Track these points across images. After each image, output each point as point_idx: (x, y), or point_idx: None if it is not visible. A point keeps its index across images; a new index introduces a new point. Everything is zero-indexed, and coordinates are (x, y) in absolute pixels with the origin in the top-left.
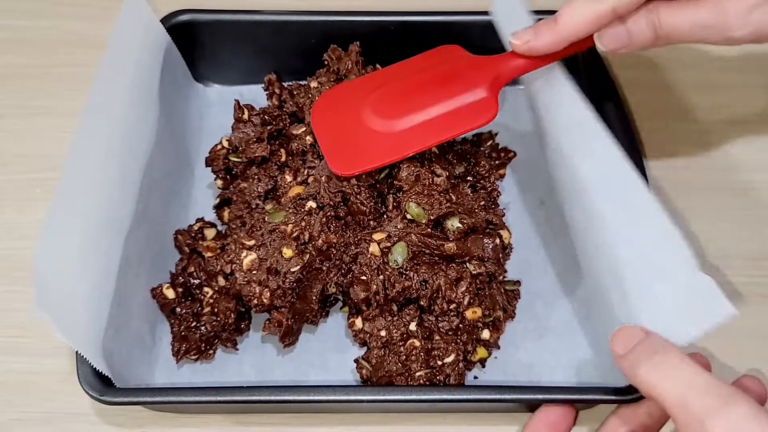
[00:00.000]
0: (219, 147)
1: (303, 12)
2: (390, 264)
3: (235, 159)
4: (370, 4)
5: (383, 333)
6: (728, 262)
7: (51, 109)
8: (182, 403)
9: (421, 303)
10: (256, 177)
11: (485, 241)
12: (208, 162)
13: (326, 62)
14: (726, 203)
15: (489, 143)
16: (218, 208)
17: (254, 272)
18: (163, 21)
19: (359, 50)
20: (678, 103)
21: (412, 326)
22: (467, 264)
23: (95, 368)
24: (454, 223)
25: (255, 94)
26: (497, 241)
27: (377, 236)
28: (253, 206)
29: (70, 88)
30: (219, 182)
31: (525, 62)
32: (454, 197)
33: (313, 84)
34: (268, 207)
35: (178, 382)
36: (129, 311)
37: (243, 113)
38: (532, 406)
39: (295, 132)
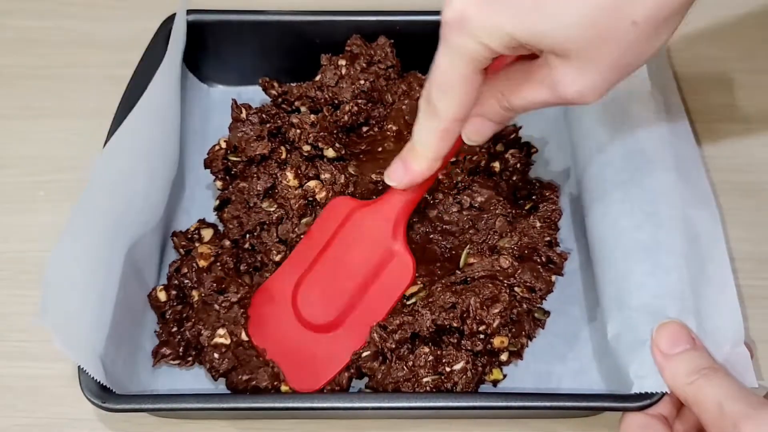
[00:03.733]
0: (217, 148)
1: (307, 12)
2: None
3: (235, 158)
4: (375, 3)
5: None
6: (739, 264)
7: (56, 110)
8: (184, 410)
9: (454, 324)
10: (255, 175)
11: (544, 273)
12: (207, 163)
13: (349, 50)
14: (736, 204)
15: (512, 136)
16: (218, 209)
17: (221, 351)
18: (167, 22)
19: (391, 42)
20: (686, 102)
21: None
22: (515, 288)
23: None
24: (510, 241)
25: (259, 95)
26: (553, 278)
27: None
28: (251, 204)
29: (75, 89)
30: (218, 183)
31: (412, 193)
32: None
33: (342, 62)
34: (265, 205)
35: (180, 388)
36: (133, 316)
37: (241, 112)
38: (539, 413)
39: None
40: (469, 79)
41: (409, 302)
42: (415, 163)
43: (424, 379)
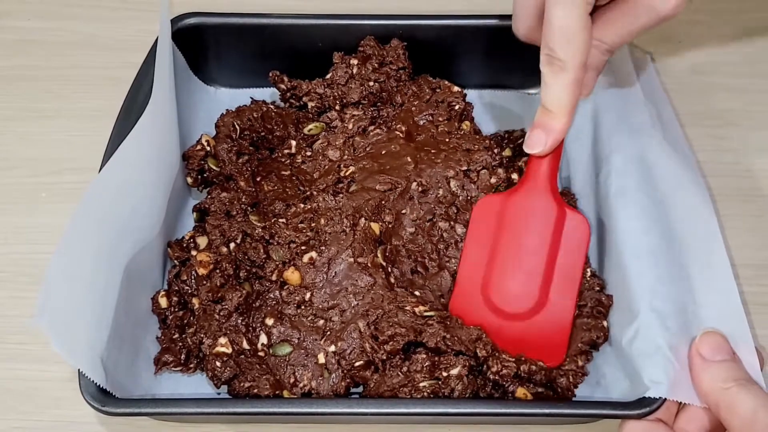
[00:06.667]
0: (198, 147)
1: (312, 15)
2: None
3: (214, 167)
4: (377, 6)
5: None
6: (739, 271)
7: (59, 111)
8: (184, 414)
9: (482, 353)
10: (239, 190)
11: (595, 321)
12: (184, 156)
13: (362, 50)
14: (737, 210)
15: (520, 141)
16: (199, 221)
17: (222, 359)
18: (175, 21)
19: (404, 44)
20: (689, 108)
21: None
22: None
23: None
24: None
25: (265, 97)
26: (605, 323)
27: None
28: (233, 213)
29: (78, 90)
30: (189, 180)
31: (552, 158)
32: None
33: (354, 61)
34: (253, 218)
35: (183, 392)
36: (136, 320)
37: (234, 130)
38: (539, 419)
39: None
40: (586, 22)
41: (426, 314)
42: (554, 122)
43: (421, 384)
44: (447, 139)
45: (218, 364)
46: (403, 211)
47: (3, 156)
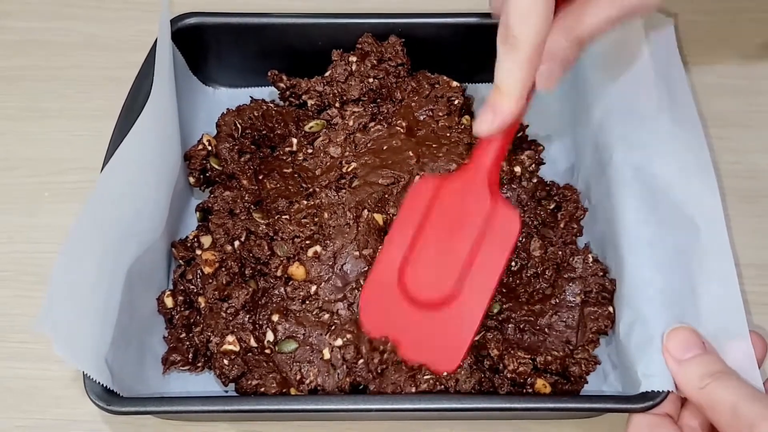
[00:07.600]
0: (200, 147)
1: (311, 15)
2: None
3: (216, 166)
4: (376, 6)
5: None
6: (741, 270)
7: (61, 111)
8: (189, 412)
9: (494, 352)
10: (242, 188)
11: (600, 309)
12: (186, 156)
13: (360, 48)
14: (739, 210)
15: (519, 134)
16: (202, 220)
17: (230, 357)
18: (174, 22)
19: (402, 41)
20: None
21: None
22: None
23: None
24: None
25: (264, 96)
26: (610, 309)
27: None
28: (237, 211)
29: (80, 90)
30: (191, 179)
31: (498, 143)
32: None
33: (353, 59)
34: (257, 216)
35: (190, 390)
36: (141, 320)
37: (235, 129)
38: (544, 414)
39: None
40: (546, 1)
41: None
42: (503, 103)
43: (425, 376)
44: (448, 134)
45: (226, 362)
46: None
47: (4, 156)
